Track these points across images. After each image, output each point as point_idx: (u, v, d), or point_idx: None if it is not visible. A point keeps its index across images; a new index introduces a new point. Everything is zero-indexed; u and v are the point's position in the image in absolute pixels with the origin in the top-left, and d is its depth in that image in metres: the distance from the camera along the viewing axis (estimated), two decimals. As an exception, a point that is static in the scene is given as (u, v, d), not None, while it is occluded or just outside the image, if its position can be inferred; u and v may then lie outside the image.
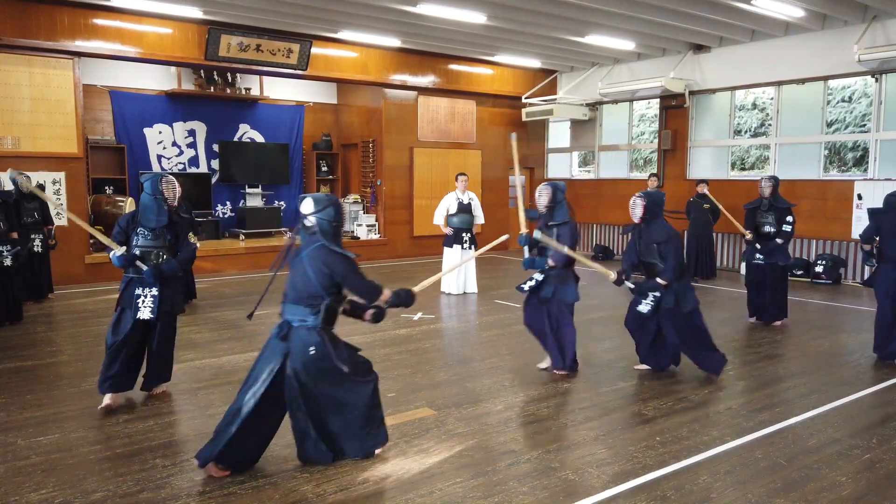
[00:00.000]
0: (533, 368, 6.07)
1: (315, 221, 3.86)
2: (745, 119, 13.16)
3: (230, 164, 13.53)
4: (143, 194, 5.09)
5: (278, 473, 3.89)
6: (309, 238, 3.89)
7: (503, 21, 10.88)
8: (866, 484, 3.82)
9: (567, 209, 5.92)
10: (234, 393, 5.17)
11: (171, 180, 5.21)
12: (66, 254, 10.16)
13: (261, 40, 11.48)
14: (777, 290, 7.70)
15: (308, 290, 3.81)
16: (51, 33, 10.02)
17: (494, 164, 15.42)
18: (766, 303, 7.75)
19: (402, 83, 13.65)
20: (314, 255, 3.81)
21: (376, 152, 14.09)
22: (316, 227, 3.86)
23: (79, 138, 10.54)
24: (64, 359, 6.36)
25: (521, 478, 3.85)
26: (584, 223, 15.58)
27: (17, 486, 3.71)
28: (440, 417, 4.80)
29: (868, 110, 11.22)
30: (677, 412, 4.94)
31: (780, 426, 4.67)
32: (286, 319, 3.87)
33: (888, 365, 6.21)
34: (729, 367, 6.08)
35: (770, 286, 7.68)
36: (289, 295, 3.88)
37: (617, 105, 14.79)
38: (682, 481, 3.82)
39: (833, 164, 12.42)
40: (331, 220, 3.86)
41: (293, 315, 3.85)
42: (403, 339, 7.12)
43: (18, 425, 4.62)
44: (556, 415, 4.88)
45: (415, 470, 3.94)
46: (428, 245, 13.89)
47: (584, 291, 6.38)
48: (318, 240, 3.84)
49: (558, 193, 5.91)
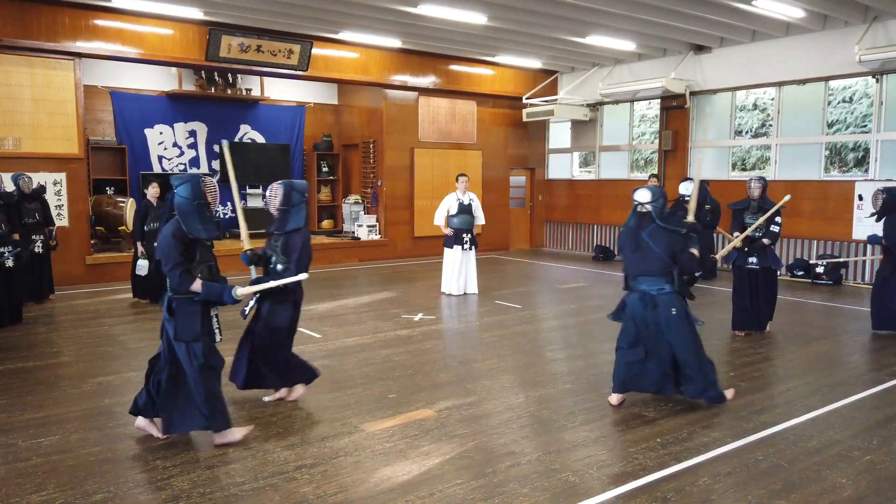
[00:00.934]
0: (534, 369, 6.07)
1: (650, 208, 4.87)
2: (745, 119, 13.14)
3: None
4: (182, 200, 4.21)
5: (279, 474, 3.89)
6: (642, 220, 4.91)
7: (504, 21, 10.88)
8: (867, 485, 3.81)
9: (304, 213, 4.98)
10: (234, 394, 5.19)
11: (213, 182, 4.41)
12: (67, 254, 10.16)
13: (261, 41, 11.49)
14: (770, 291, 7.41)
15: (658, 265, 4.84)
16: (52, 34, 10.03)
17: (495, 165, 15.42)
18: (761, 308, 7.34)
19: (403, 84, 13.66)
20: (655, 234, 4.85)
21: (377, 153, 14.09)
22: (650, 213, 4.89)
23: (80, 139, 10.55)
24: (65, 360, 6.36)
25: (522, 479, 3.85)
26: (584, 223, 15.60)
27: (17, 488, 3.71)
28: (440, 418, 4.80)
29: (869, 111, 11.21)
30: (678, 413, 4.93)
31: (781, 427, 4.67)
32: (645, 290, 4.86)
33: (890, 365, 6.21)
34: (729, 369, 6.09)
35: (763, 289, 7.32)
36: (635, 271, 4.94)
37: (617, 105, 14.78)
38: (683, 483, 3.82)
39: (834, 164, 12.40)
40: (661, 208, 4.90)
41: (651, 286, 4.84)
42: (404, 340, 7.12)
43: (19, 426, 4.62)
44: (557, 416, 4.88)
45: (415, 471, 3.94)
46: (428, 246, 13.90)
47: (585, 292, 6.36)
48: (654, 221, 4.87)
49: (294, 195, 4.95)
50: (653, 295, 4.89)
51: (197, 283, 4.18)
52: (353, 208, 14.22)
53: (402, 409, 4.97)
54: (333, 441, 4.38)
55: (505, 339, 7.20)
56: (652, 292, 4.89)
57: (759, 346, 6.97)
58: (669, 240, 4.84)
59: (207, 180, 4.31)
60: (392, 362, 6.25)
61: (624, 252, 5.08)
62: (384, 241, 13.94)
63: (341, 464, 4.04)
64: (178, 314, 4.18)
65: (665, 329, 4.90)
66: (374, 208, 14.22)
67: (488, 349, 6.82)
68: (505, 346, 6.94)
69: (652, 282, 4.89)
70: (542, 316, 8.64)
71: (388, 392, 5.38)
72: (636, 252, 4.93)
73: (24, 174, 8.66)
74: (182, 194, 4.20)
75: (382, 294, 9.92)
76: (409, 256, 14.13)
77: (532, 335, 7.48)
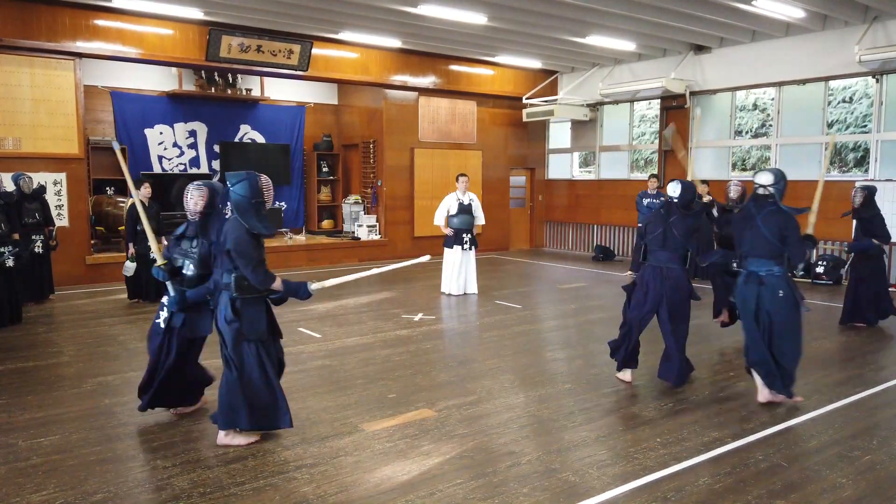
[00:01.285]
0: (534, 369, 6.07)
1: (773, 191, 5.02)
2: (745, 119, 13.14)
3: (231, 164, 13.52)
4: (239, 198, 4.15)
5: (279, 474, 3.89)
6: (762, 204, 5.04)
7: (504, 22, 10.88)
8: (867, 485, 3.81)
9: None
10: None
11: (268, 180, 4.31)
12: (67, 254, 10.16)
13: (261, 41, 11.49)
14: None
15: (768, 249, 4.96)
16: (52, 34, 10.03)
17: (495, 165, 15.42)
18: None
19: (403, 84, 13.66)
20: (768, 219, 4.97)
21: (377, 153, 14.09)
22: (772, 195, 5.02)
23: (80, 139, 10.55)
24: (65, 360, 6.36)
25: (522, 479, 3.85)
26: (584, 223, 15.60)
27: (17, 488, 3.71)
28: (441, 418, 4.80)
29: (869, 111, 11.21)
30: (678, 413, 4.93)
31: (781, 427, 4.67)
32: (753, 271, 5.03)
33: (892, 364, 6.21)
34: (729, 369, 6.09)
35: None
36: (750, 252, 5.07)
37: (618, 106, 14.78)
38: (683, 482, 3.82)
39: (834, 164, 12.40)
40: (782, 190, 5.04)
41: (759, 267, 5.01)
42: (404, 340, 7.12)
43: (19, 426, 4.62)
44: (557, 416, 4.88)
45: (415, 471, 3.94)
46: (428, 246, 13.85)
47: (585, 292, 6.37)
48: (773, 204, 5.00)
49: (218, 198, 4.64)
50: (760, 275, 5.03)
51: (278, 280, 4.23)
52: (353, 208, 14.21)
53: (402, 409, 4.97)
54: (333, 441, 4.38)
55: (505, 339, 7.20)
56: (761, 273, 5.02)
57: (759, 346, 6.96)
58: (781, 223, 4.94)
59: (263, 178, 4.25)
60: (392, 362, 6.25)
61: (736, 233, 5.25)
62: (384, 241, 13.94)
63: (341, 464, 4.04)
64: (244, 315, 4.19)
65: (769, 311, 4.99)
66: (374, 208, 14.22)
67: (488, 349, 6.82)
68: (505, 346, 6.94)
69: (761, 263, 5.03)
70: (542, 316, 8.64)
71: (389, 392, 5.39)
72: (748, 233, 5.09)
73: (24, 174, 8.66)
74: (240, 192, 4.15)
75: (382, 294, 9.92)
76: (409, 256, 13.99)
77: (532, 335, 7.48)
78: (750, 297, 5.06)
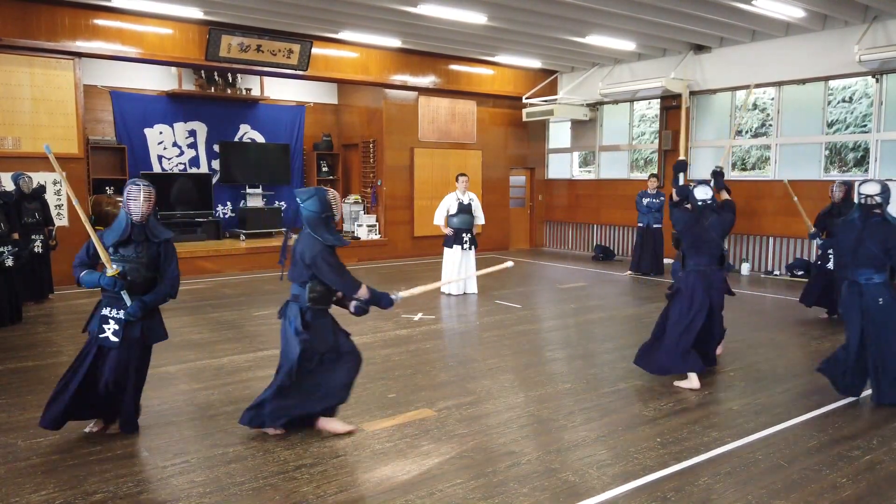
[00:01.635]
0: (534, 369, 6.07)
1: (879, 200, 4.97)
2: (745, 119, 13.14)
3: (231, 164, 13.53)
4: (310, 214, 4.26)
5: (279, 474, 3.89)
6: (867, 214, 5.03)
7: (504, 21, 10.87)
8: (867, 485, 3.81)
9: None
10: (234, 394, 5.19)
11: (336, 193, 4.42)
12: (67, 254, 10.11)
13: (261, 41, 11.48)
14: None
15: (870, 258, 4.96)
16: (51, 34, 10.02)
17: (495, 165, 15.41)
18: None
19: (403, 83, 13.65)
20: (874, 230, 4.96)
21: (377, 152, 14.09)
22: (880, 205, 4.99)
23: (79, 139, 10.55)
24: (65, 360, 6.34)
25: (522, 479, 3.85)
26: (584, 223, 15.60)
27: (17, 487, 3.71)
28: (440, 418, 4.80)
29: (869, 111, 11.21)
30: (678, 413, 4.94)
31: (781, 427, 4.67)
32: (855, 279, 5.08)
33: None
34: (729, 369, 6.09)
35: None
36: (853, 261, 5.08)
37: (617, 105, 14.78)
38: (683, 482, 3.82)
39: (834, 164, 12.40)
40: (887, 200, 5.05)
41: (860, 276, 5.05)
42: (404, 340, 7.12)
43: (19, 426, 4.62)
44: (557, 416, 4.88)
45: (415, 471, 3.94)
46: (428, 245, 13.89)
47: (585, 292, 6.38)
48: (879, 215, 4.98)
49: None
50: (860, 284, 5.06)
51: (363, 288, 4.31)
52: (353, 208, 14.21)
53: (402, 409, 4.97)
54: (333, 441, 4.38)
55: (505, 339, 7.20)
56: (860, 281, 5.06)
57: (759, 346, 6.97)
58: (885, 234, 4.94)
59: (330, 192, 4.36)
60: (392, 362, 6.25)
61: (840, 242, 5.30)
62: (384, 240, 13.94)
63: (341, 463, 4.04)
64: (313, 327, 4.30)
65: (871, 319, 5.03)
66: (374, 208, 14.22)
67: (488, 349, 6.82)
68: (505, 346, 6.94)
69: (862, 272, 5.06)
70: (542, 316, 8.64)
71: (388, 392, 5.39)
72: (852, 243, 5.11)
73: (24, 174, 8.65)
74: (311, 208, 4.26)
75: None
76: (408, 256, 14.13)
77: (532, 335, 7.48)
78: (852, 305, 5.12)
